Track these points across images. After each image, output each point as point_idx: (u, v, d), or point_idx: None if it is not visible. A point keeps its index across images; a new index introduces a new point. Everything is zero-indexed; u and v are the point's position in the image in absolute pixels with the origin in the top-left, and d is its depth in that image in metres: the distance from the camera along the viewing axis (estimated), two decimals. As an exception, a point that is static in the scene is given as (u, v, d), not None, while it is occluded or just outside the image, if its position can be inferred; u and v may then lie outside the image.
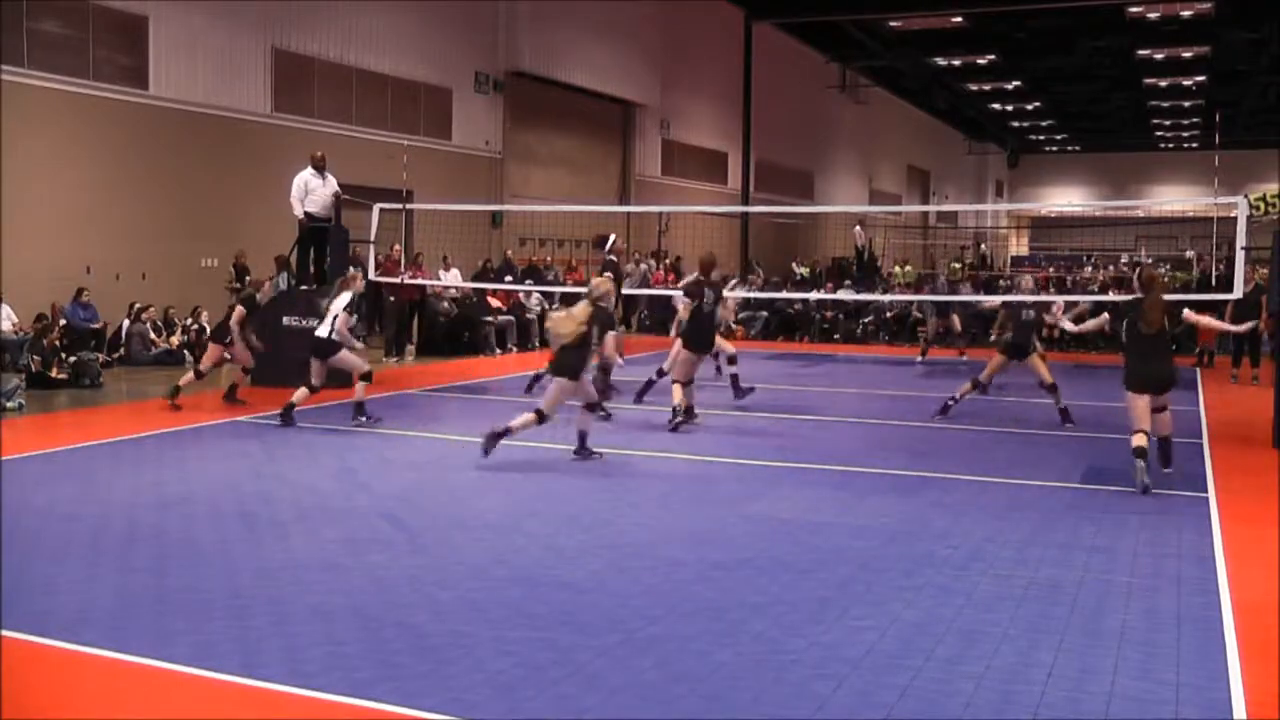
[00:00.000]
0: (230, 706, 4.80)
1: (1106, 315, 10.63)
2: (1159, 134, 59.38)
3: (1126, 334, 9.64)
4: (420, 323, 20.50)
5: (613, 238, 17.02)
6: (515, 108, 27.33)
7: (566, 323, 10.12)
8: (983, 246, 48.78)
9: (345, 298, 12.10)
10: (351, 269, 14.15)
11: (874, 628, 5.72)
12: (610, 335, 12.84)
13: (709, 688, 4.94)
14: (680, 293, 14.15)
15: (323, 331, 12.06)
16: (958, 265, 24.44)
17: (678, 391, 12.31)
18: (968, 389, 13.08)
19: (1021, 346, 12.80)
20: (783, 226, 36.54)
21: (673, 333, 15.35)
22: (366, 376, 12.18)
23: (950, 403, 13.11)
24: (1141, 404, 9.36)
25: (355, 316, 12.29)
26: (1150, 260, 36.87)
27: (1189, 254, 39.34)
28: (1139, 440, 9.22)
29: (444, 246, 21.97)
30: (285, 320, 15.04)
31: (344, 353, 12.11)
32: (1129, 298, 10.74)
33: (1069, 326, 11.50)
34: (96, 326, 17.14)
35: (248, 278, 19.40)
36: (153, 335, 17.56)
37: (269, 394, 13.00)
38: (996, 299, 17.13)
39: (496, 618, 5.81)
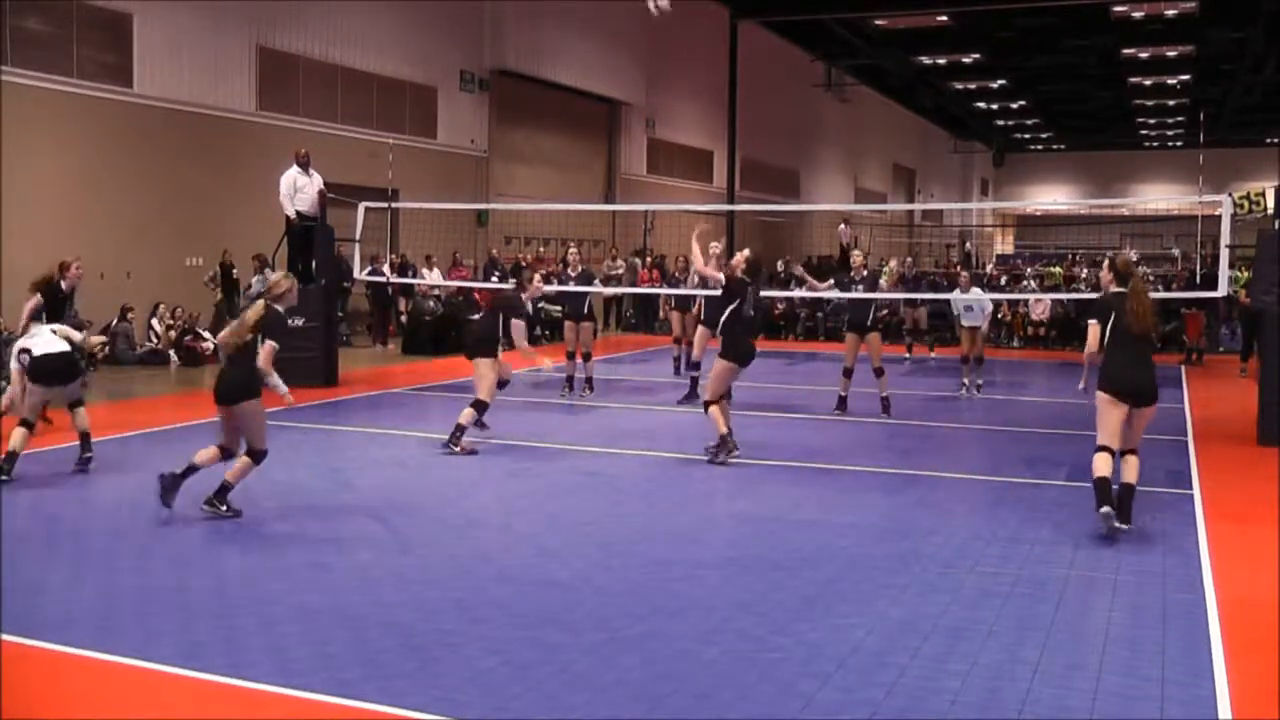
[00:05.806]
0: (217, 706, 4.79)
1: None
2: (1144, 132, 59.71)
3: (1112, 332, 7.78)
4: (408, 320, 20.51)
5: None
6: (501, 106, 27.29)
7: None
8: (968, 245, 48.84)
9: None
10: (276, 274, 9.58)
11: (860, 625, 5.73)
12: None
13: (695, 686, 4.94)
14: (717, 276, 10.85)
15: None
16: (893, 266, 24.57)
17: (718, 417, 9.94)
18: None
19: None
20: (768, 225, 36.57)
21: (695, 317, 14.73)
22: (256, 457, 7.96)
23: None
24: (1118, 415, 7.60)
25: (274, 345, 7.98)
26: (1134, 254, 36.95)
27: (1175, 252, 39.54)
28: (1102, 466, 7.48)
29: (429, 245, 21.92)
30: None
31: (251, 404, 7.86)
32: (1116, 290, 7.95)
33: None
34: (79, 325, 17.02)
35: (234, 271, 19.36)
36: (137, 335, 17.47)
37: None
38: (987, 296, 17.06)
39: (483, 616, 5.80)
